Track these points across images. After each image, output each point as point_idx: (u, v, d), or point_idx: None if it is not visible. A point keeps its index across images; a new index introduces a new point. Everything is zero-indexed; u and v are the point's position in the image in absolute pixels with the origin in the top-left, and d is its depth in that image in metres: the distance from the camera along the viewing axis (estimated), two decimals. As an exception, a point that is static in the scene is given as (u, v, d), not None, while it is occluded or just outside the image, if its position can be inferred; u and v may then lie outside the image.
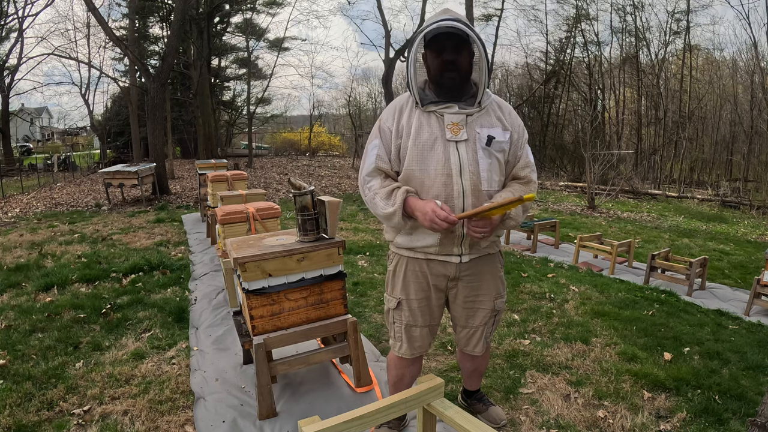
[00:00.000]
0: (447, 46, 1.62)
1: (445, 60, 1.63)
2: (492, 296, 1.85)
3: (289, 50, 29.49)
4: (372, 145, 1.76)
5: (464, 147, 1.66)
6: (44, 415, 2.23)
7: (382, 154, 1.73)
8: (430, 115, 1.68)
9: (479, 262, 1.80)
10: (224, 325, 3.32)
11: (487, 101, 1.72)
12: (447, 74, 1.65)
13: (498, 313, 1.90)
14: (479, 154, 1.66)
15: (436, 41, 1.63)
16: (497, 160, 1.70)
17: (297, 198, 2.28)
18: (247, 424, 2.17)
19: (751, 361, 2.75)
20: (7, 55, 19.43)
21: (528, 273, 4.55)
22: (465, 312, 1.87)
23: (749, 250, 6.22)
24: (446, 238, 1.70)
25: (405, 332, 1.86)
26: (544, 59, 22.03)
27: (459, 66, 1.64)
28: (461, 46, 1.62)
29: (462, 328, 1.92)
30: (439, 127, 1.66)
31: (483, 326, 1.88)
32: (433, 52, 1.65)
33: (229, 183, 5.49)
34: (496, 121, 1.71)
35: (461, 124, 1.66)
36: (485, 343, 1.92)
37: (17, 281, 4.29)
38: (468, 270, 1.79)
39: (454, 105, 1.66)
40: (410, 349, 1.88)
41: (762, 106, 15.89)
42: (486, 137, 1.67)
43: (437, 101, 1.67)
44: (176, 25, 10.83)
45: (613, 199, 12.20)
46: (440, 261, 1.77)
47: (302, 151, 25.11)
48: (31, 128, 36.89)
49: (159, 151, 10.93)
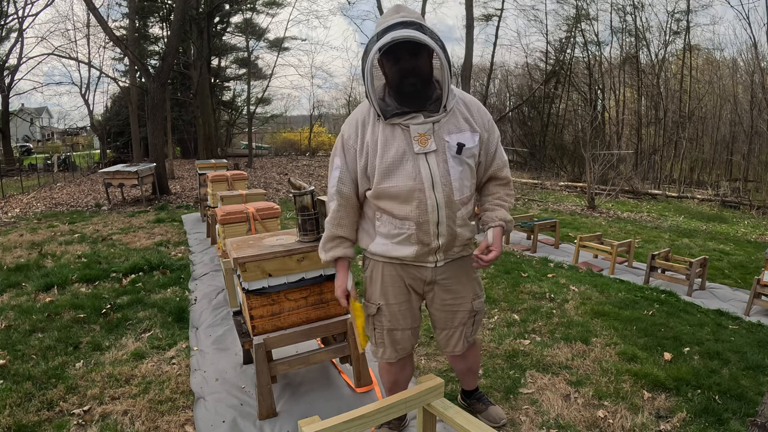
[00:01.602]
0: (403, 54, 1.51)
1: (402, 68, 1.53)
2: (469, 297, 1.82)
3: (289, 50, 29.54)
4: (335, 166, 1.72)
5: (434, 158, 1.59)
6: (44, 415, 2.23)
7: (344, 177, 1.69)
8: (395, 127, 1.60)
9: (453, 265, 1.78)
10: (224, 325, 3.32)
11: (453, 102, 1.63)
12: (406, 81, 1.54)
13: (477, 313, 1.86)
14: (450, 163, 1.61)
15: (392, 50, 1.50)
16: (468, 166, 1.65)
17: (297, 198, 2.28)
18: (247, 424, 2.17)
19: (751, 361, 2.75)
20: (7, 55, 19.46)
21: (528, 273, 4.55)
22: (443, 315, 1.84)
23: (749, 250, 6.22)
24: (422, 251, 1.68)
25: (387, 336, 1.82)
26: (544, 59, 22.03)
27: (419, 71, 1.54)
28: (418, 48, 1.51)
29: (441, 330, 1.88)
30: (405, 140, 1.59)
31: (462, 326, 1.85)
32: (390, 60, 1.55)
33: (229, 183, 5.49)
34: (464, 124, 1.64)
35: (428, 134, 1.59)
36: (465, 342, 1.88)
37: (17, 281, 4.29)
38: (444, 273, 1.77)
39: (418, 114, 1.58)
40: (394, 352, 1.85)
41: (762, 106, 15.89)
42: (456, 145, 1.60)
43: (400, 113, 1.58)
44: (176, 25, 10.83)
45: (613, 199, 12.20)
46: (416, 266, 1.75)
47: (302, 151, 25.10)
48: (31, 128, 36.90)
49: (159, 151, 10.93)
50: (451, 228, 1.65)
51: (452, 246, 1.71)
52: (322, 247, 1.78)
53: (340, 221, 1.73)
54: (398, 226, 1.66)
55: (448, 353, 1.94)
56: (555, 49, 21.58)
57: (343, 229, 1.74)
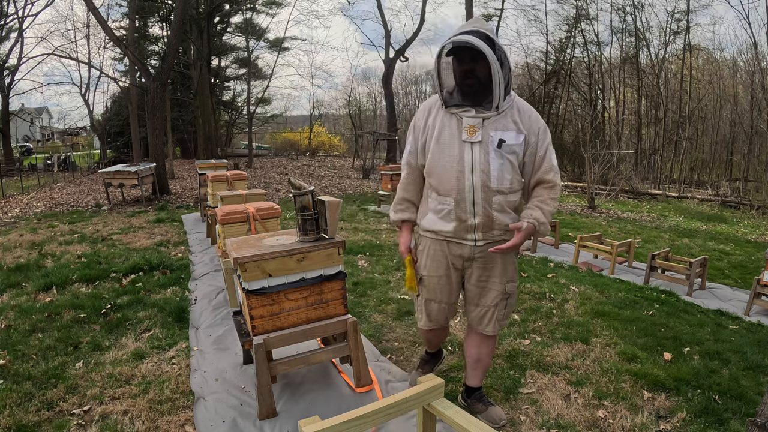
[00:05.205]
0: (464, 57, 1.81)
1: (463, 69, 1.83)
2: (503, 279, 2.03)
3: (289, 50, 29.49)
4: (408, 141, 2.11)
5: (478, 148, 1.87)
6: (44, 415, 2.23)
7: (412, 149, 2.07)
8: (452, 116, 1.92)
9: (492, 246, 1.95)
10: (224, 325, 3.32)
11: (507, 105, 1.88)
12: (465, 81, 1.85)
13: (510, 296, 2.06)
14: (491, 155, 1.86)
15: (456, 52, 1.83)
16: (509, 161, 1.89)
17: (297, 198, 2.28)
18: (247, 424, 2.17)
19: (751, 361, 2.75)
20: (7, 55, 19.43)
21: (528, 273, 4.55)
22: (477, 291, 2.06)
23: (749, 250, 6.22)
24: (459, 227, 1.96)
25: (425, 305, 2.14)
26: (544, 59, 22.02)
27: (477, 74, 1.82)
28: (478, 56, 1.77)
29: (474, 307, 2.09)
30: (457, 128, 1.90)
31: (494, 307, 2.05)
32: (455, 61, 1.87)
33: (229, 183, 5.49)
34: (512, 125, 1.88)
35: (477, 126, 1.86)
36: (497, 324, 2.07)
37: (17, 281, 4.29)
38: (482, 253, 1.99)
39: (472, 109, 1.87)
40: (428, 321, 2.17)
41: (762, 106, 15.89)
42: (498, 140, 1.86)
43: (458, 104, 1.89)
44: (176, 25, 10.83)
45: (613, 199, 12.20)
46: (457, 243, 2.01)
47: (302, 151, 25.12)
48: (31, 128, 36.89)
49: (159, 151, 10.93)
50: (487, 210, 1.91)
51: (491, 228, 1.95)
52: (393, 209, 2.17)
53: (407, 186, 2.12)
54: (441, 202, 1.97)
55: (480, 330, 2.11)
56: (555, 49, 21.59)
57: (409, 193, 2.12)
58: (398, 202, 2.14)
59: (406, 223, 2.13)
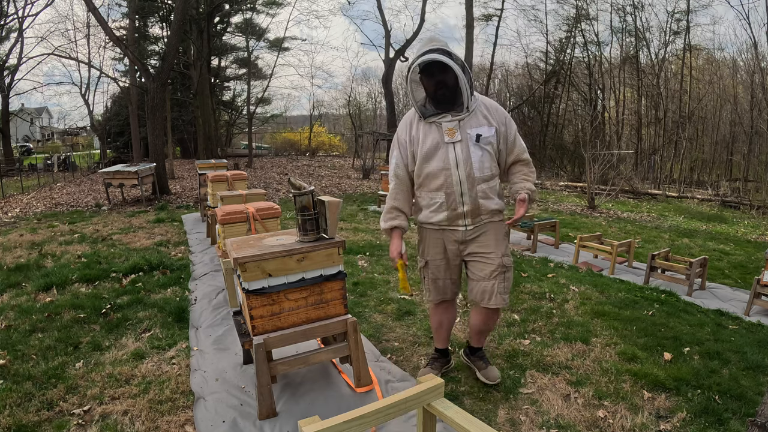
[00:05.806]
0: (434, 72, 2.11)
1: (436, 81, 2.13)
2: (498, 254, 2.25)
3: (289, 50, 29.51)
4: (393, 156, 2.34)
5: (459, 146, 2.16)
6: (44, 415, 2.23)
7: (399, 162, 2.30)
8: (431, 125, 2.20)
9: (482, 227, 2.26)
10: (224, 325, 3.32)
11: (475, 104, 2.18)
12: (439, 91, 2.15)
13: (507, 270, 2.27)
14: (471, 149, 2.16)
15: (427, 69, 2.12)
16: (487, 151, 2.19)
17: (297, 198, 2.28)
18: (247, 424, 2.17)
19: (751, 361, 2.75)
20: (7, 55, 19.43)
21: (528, 273, 4.55)
22: (477, 265, 2.28)
23: (749, 250, 6.22)
24: (451, 215, 2.23)
25: (432, 283, 2.40)
26: (544, 59, 22.04)
27: (447, 83, 2.12)
28: (446, 68, 2.08)
29: (476, 282, 2.28)
30: (438, 134, 2.18)
31: (494, 280, 2.24)
32: (426, 76, 2.15)
33: (229, 183, 5.49)
34: (483, 120, 2.18)
35: (455, 128, 2.16)
36: (499, 297, 2.24)
37: (17, 281, 4.29)
38: (473, 234, 2.26)
39: (447, 114, 2.16)
40: (437, 294, 2.41)
41: (762, 106, 15.89)
42: (475, 135, 2.15)
43: (435, 113, 2.18)
44: (176, 25, 10.83)
45: (613, 199, 12.19)
46: (451, 230, 2.27)
47: (302, 151, 25.12)
48: (31, 128, 36.91)
49: (159, 151, 10.93)
50: (474, 198, 2.19)
51: (478, 214, 2.23)
52: (383, 218, 2.36)
53: (396, 195, 2.32)
54: (433, 198, 2.24)
55: (484, 305, 2.28)
56: (555, 49, 21.61)
57: (399, 202, 2.32)
58: (388, 211, 2.32)
59: (396, 230, 2.31)
